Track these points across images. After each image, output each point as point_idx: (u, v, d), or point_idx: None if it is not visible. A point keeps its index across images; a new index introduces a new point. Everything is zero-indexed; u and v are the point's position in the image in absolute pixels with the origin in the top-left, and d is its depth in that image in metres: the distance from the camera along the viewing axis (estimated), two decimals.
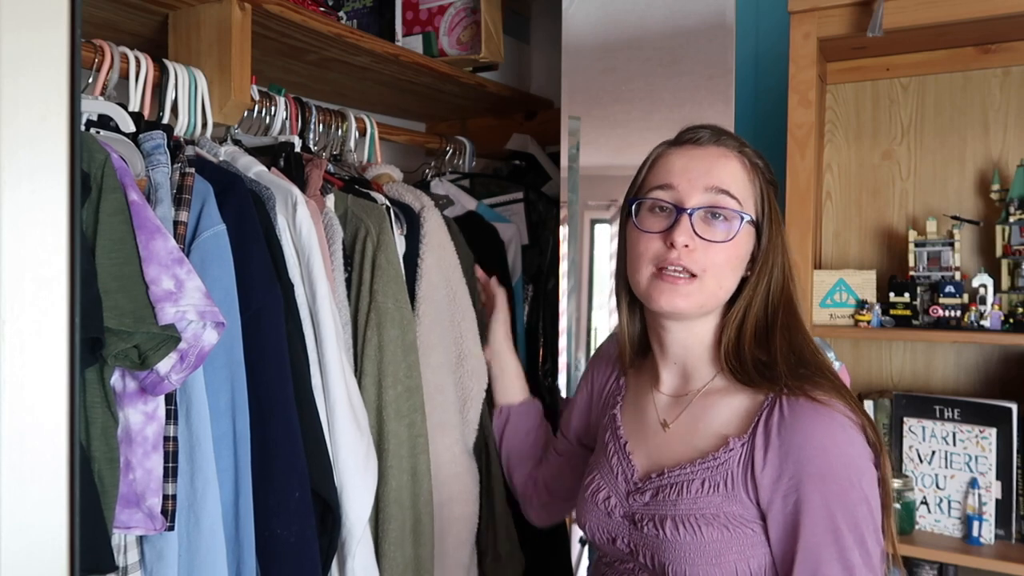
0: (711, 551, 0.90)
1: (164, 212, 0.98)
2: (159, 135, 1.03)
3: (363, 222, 1.25)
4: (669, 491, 0.96)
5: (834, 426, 0.89)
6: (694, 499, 0.93)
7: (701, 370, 1.03)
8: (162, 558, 0.92)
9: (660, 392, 1.06)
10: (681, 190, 0.97)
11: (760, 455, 0.90)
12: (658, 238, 0.97)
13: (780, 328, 0.97)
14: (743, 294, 0.99)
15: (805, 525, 0.87)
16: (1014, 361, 1.50)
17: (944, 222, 1.51)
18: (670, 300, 0.96)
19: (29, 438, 0.57)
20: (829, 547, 0.86)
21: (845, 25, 1.40)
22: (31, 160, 0.57)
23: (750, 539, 0.91)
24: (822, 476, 0.87)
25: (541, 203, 1.83)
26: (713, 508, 0.92)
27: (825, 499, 0.86)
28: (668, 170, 0.99)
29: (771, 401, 0.92)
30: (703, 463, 0.94)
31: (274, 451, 1.02)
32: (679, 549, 0.92)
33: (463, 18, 1.80)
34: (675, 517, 0.93)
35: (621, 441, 1.06)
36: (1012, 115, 1.52)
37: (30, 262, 0.57)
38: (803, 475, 0.87)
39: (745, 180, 0.98)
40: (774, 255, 0.99)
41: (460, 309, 1.38)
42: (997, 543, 1.39)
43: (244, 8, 1.23)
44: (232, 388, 0.99)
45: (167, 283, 0.88)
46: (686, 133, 1.02)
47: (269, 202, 1.12)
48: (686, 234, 0.95)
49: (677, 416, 1.02)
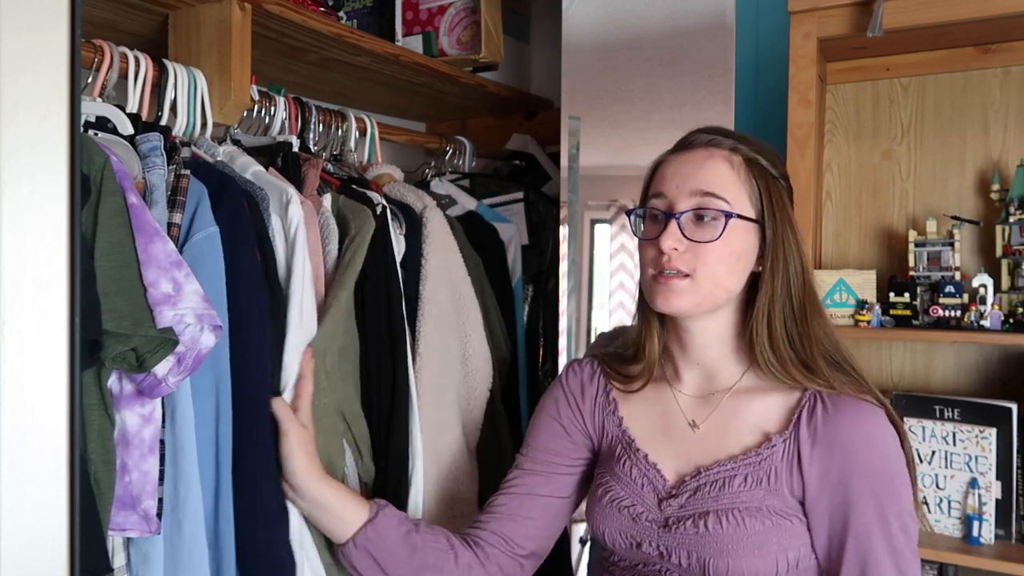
0: (754, 543, 0.94)
1: (159, 214, 0.98)
2: (155, 137, 1.02)
3: (350, 223, 1.25)
4: (710, 488, 0.98)
5: (875, 420, 0.95)
6: (736, 494, 0.96)
7: (726, 368, 1.06)
8: (147, 561, 0.92)
9: (682, 393, 1.07)
10: (671, 196, 1.02)
11: (807, 450, 0.95)
12: (654, 244, 1.01)
13: (812, 323, 1.00)
14: (762, 290, 1.01)
15: (855, 516, 0.92)
16: (1014, 361, 1.50)
17: (944, 222, 1.51)
18: (666, 300, 1.00)
19: (29, 438, 0.57)
20: (878, 535, 0.92)
21: (845, 25, 1.40)
22: (31, 160, 0.57)
23: (788, 531, 0.95)
24: (870, 469, 0.93)
25: (541, 203, 1.83)
26: (756, 502, 0.95)
27: (874, 491, 0.93)
28: (661, 178, 1.05)
29: (810, 398, 0.98)
30: (744, 459, 0.98)
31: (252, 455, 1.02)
32: (722, 542, 0.94)
33: (463, 18, 1.80)
34: (717, 512, 0.96)
35: (640, 453, 1.06)
36: (1012, 115, 1.52)
37: (30, 262, 0.57)
38: (852, 469, 0.93)
39: (734, 179, 1.01)
40: (785, 248, 1.01)
41: (465, 308, 1.38)
42: (997, 543, 1.39)
43: (244, 8, 1.22)
44: (217, 392, 0.98)
45: (165, 286, 0.88)
46: (684, 139, 1.06)
47: (263, 202, 1.12)
48: (673, 238, 0.99)
49: (708, 416, 1.04)
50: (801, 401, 0.99)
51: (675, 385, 1.09)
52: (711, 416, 1.04)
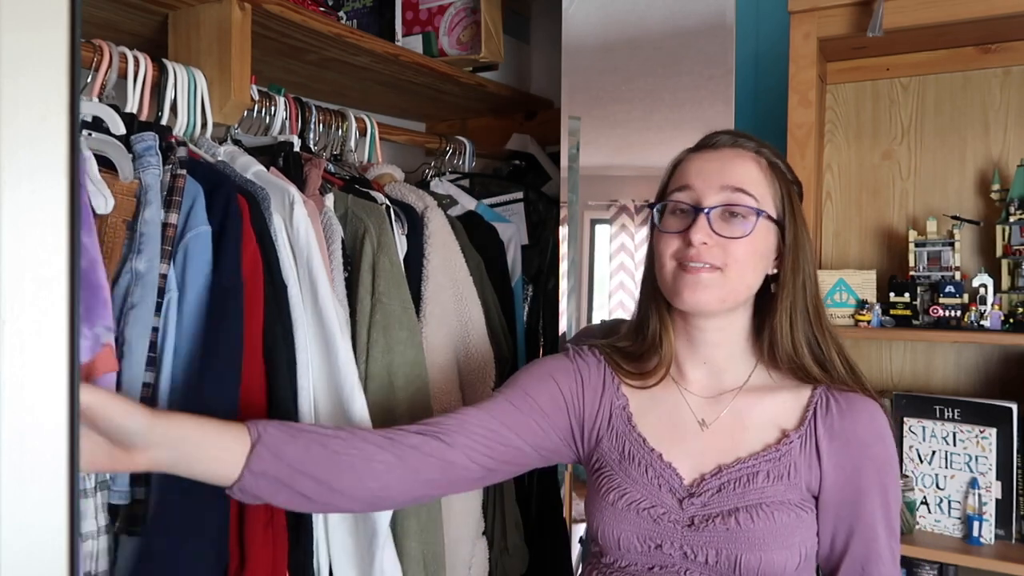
0: (783, 535, 0.97)
1: (152, 214, 0.98)
2: (150, 136, 1.02)
3: (363, 222, 1.25)
4: (734, 485, 0.99)
5: (883, 416, 1.01)
6: (761, 489, 0.98)
7: (733, 368, 1.06)
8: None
9: (690, 392, 1.07)
10: (698, 190, 1.00)
11: (825, 444, 0.99)
12: (678, 237, 1.00)
13: (824, 324, 1.03)
14: (784, 292, 1.02)
15: (866, 504, 0.98)
16: (1014, 361, 1.50)
17: (944, 222, 1.51)
18: (693, 293, 0.98)
19: (29, 438, 0.57)
20: (881, 521, 0.99)
21: (845, 25, 1.40)
22: (31, 160, 0.57)
23: (806, 521, 0.99)
24: (881, 462, 0.99)
25: (541, 203, 1.83)
26: (779, 496, 0.98)
27: (883, 481, 0.99)
28: (686, 173, 1.03)
29: (821, 395, 1.02)
30: (764, 455, 1.00)
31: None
32: (754, 537, 0.96)
33: (463, 18, 1.80)
34: (747, 507, 0.98)
35: (654, 453, 1.03)
36: (1012, 115, 1.52)
37: (30, 262, 0.57)
38: (865, 462, 0.99)
39: (762, 179, 1.02)
40: (803, 252, 1.03)
41: (467, 307, 1.39)
42: (997, 543, 1.39)
43: (244, 8, 1.22)
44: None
45: None
46: (706, 139, 1.06)
47: (264, 202, 1.11)
48: (703, 232, 0.98)
49: (718, 415, 1.04)
50: (813, 398, 1.02)
51: (681, 384, 1.08)
52: (722, 415, 1.04)
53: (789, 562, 0.96)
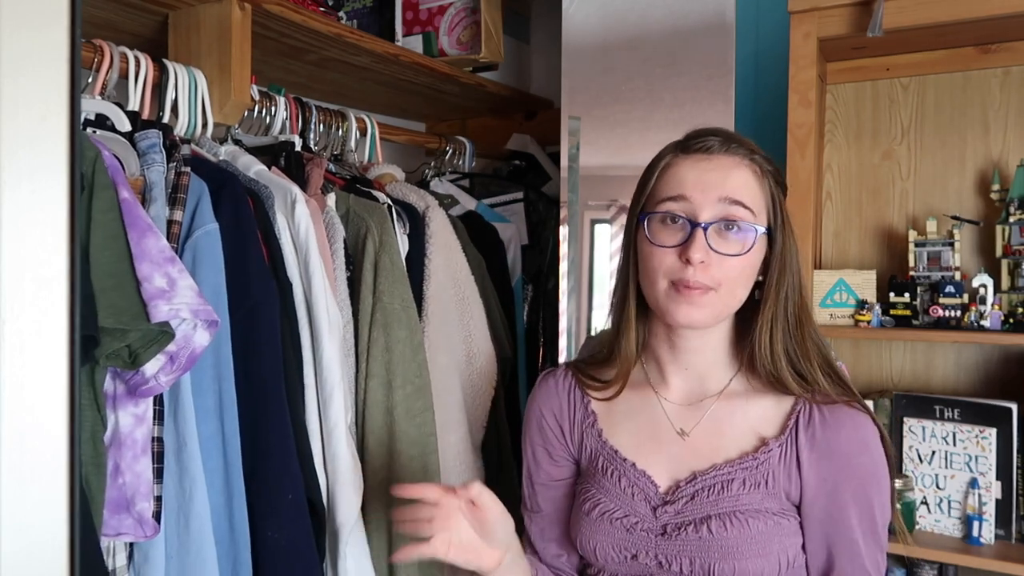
0: (758, 543, 0.95)
1: (157, 211, 0.98)
2: (154, 134, 1.02)
3: (365, 221, 1.25)
4: (707, 493, 0.97)
5: (868, 426, 0.98)
6: (736, 497, 0.96)
7: (715, 373, 1.03)
8: (148, 560, 0.91)
9: (668, 400, 1.05)
10: (694, 202, 0.95)
11: (806, 455, 0.97)
12: (672, 252, 0.96)
13: (806, 333, 1.00)
14: (767, 303, 0.99)
15: (851, 516, 0.96)
16: (1014, 361, 1.50)
17: (944, 222, 1.51)
18: (687, 313, 0.95)
19: (29, 438, 0.57)
20: (867, 533, 0.97)
21: (845, 25, 1.40)
22: (31, 160, 0.57)
23: (787, 529, 0.96)
24: (865, 474, 0.97)
25: (541, 203, 1.84)
26: (755, 504, 0.96)
27: (867, 493, 0.96)
28: (680, 181, 0.97)
29: (804, 405, 0.99)
30: (741, 463, 0.98)
31: (267, 452, 1.01)
32: (727, 545, 0.94)
33: (463, 18, 1.80)
34: (719, 515, 0.95)
35: (627, 463, 1.03)
36: (1012, 115, 1.52)
37: (30, 262, 0.57)
38: (848, 473, 0.96)
39: (757, 189, 0.98)
40: (790, 259, 0.99)
41: (469, 308, 1.38)
42: (997, 543, 1.39)
43: (244, 8, 1.23)
44: (220, 387, 0.98)
45: (159, 281, 0.87)
46: (695, 141, 0.99)
47: (268, 201, 1.12)
48: (701, 250, 0.93)
49: (697, 422, 1.02)
50: (795, 406, 0.99)
51: (660, 391, 1.06)
52: (701, 422, 1.02)
53: (767, 570, 0.94)
